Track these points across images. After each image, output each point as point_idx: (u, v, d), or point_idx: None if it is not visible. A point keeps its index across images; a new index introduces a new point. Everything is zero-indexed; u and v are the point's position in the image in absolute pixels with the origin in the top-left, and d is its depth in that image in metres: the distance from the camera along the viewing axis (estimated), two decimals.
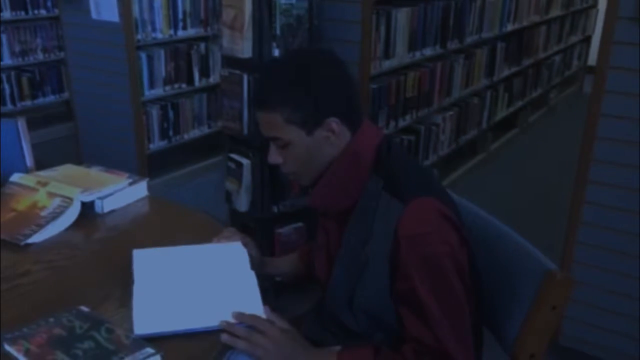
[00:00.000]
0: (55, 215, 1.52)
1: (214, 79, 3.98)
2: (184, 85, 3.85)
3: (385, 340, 1.23)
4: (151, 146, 3.70)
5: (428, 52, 3.29)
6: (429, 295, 1.13)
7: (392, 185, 1.18)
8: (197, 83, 3.93)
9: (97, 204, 1.61)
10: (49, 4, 4.48)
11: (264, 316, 1.18)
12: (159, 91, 3.69)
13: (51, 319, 1.11)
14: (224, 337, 1.12)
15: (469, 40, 3.68)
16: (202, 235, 1.48)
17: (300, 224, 2.66)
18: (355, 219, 1.22)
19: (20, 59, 4.46)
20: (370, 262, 1.19)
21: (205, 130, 4.08)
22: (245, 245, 1.41)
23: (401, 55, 3.06)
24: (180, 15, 3.68)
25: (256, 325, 1.14)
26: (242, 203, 2.53)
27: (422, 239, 1.13)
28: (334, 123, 1.21)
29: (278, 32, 2.32)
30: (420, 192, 1.17)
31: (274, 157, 1.26)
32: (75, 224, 1.53)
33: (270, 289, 2.59)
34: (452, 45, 3.51)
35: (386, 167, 1.22)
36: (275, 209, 2.56)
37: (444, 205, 1.16)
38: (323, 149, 1.23)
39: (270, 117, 1.21)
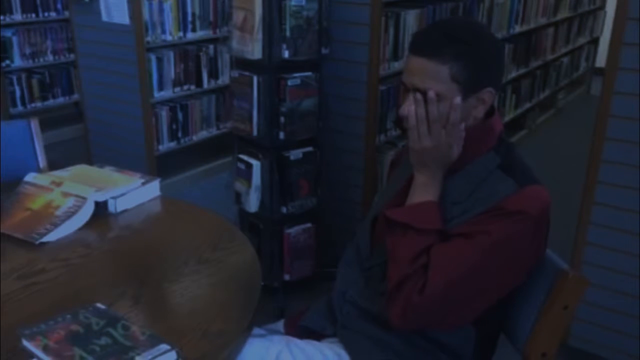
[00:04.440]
0: (69, 214, 1.54)
1: (222, 80, 4.00)
2: (192, 87, 3.87)
3: None
4: (160, 147, 3.72)
5: None
6: (474, 252, 1.13)
7: (509, 167, 1.21)
8: (205, 85, 3.94)
9: (111, 203, 1.63)
10: (59, 6, 4.52)
11: None
12: (168, 93, 3.70)
13: (68, 316, 1.12)
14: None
15: None
16: (214, 234, 1.50)
17: (309, 225, 2.67)
18: (458, 179, 1.22)
19: (30, 61, 4.49)
20: (451, 223, 1.19)
21: (213, 131, 4.09)
22: None
23: None
24: (189, 18, 3.70)
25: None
26: (252, 204, 2.55)
27: (520, 217, 1.14)
28: (489, 93, 1.21)
29: (288, 33, 2.34)
30: (538, 183, 1.20)
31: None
32: (89, 223, 1.55)
33: (280, 289, 2.62)
34: None
35: (506, 151, 1.24)
36: (284, 210, 2.57)
37: None
38: (465, 117, 1.21)
39: (437, 67, 1.17)
